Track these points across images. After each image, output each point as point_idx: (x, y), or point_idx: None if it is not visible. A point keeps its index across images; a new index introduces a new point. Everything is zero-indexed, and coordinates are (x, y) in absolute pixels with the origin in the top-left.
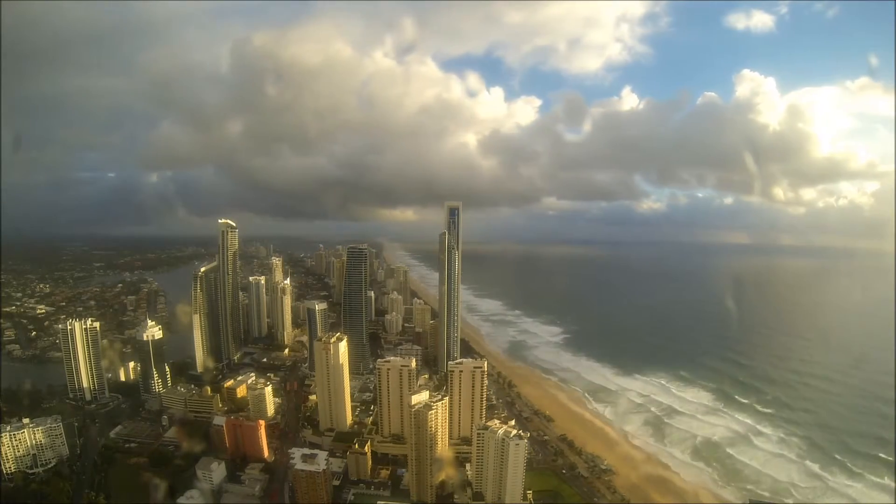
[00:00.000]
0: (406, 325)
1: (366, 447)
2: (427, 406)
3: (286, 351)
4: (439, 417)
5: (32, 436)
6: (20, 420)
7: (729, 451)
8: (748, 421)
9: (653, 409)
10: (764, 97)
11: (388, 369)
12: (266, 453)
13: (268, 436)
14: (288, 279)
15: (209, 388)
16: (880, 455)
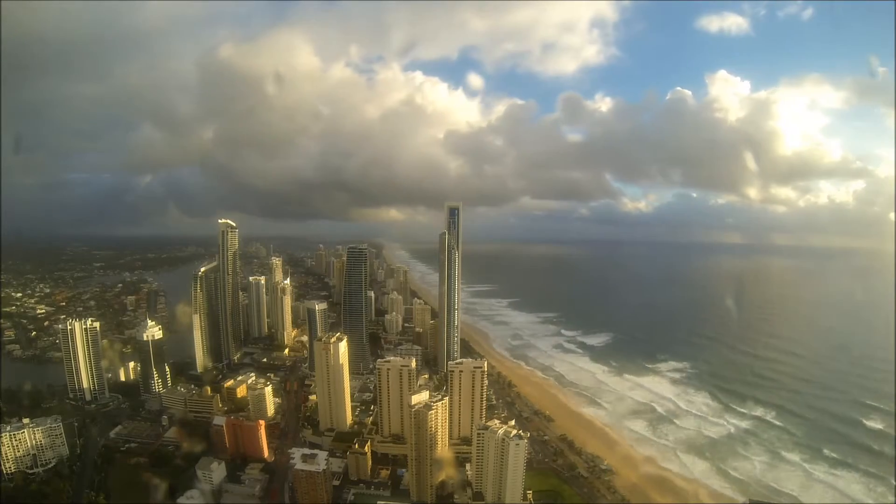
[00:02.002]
0: (406, 325)
1: (366, 447)
2: (427, 406)
3: (286, 351)
4: (439, 417)
5: (32, 436)
6: (20, 420)
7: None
8: None
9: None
10: (739, 97)
11: (388, 369)
12: (266, 453)
13: (268, 436)
14: (288, 279)
15: (209, 388)
16: None
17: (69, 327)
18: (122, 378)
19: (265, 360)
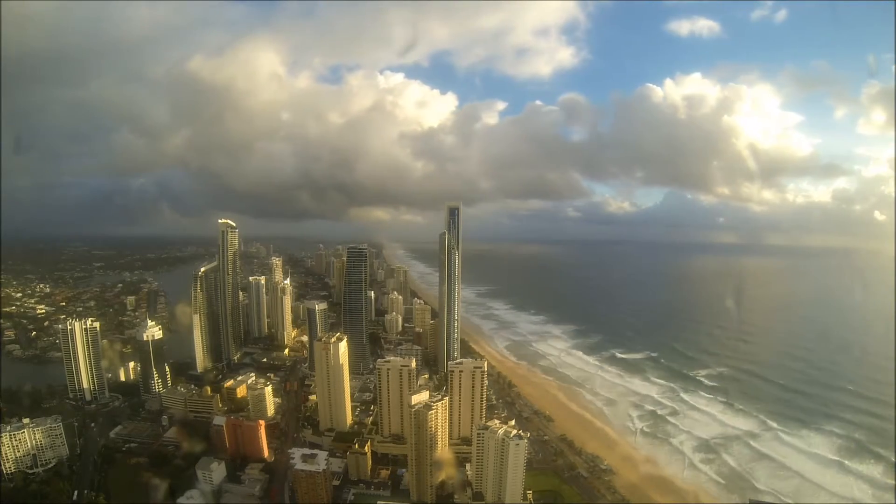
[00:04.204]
0: (406, 325)
1: (366, 447)
2: (427, 406)
3: (286, 351)
4: (439, 417)
5: (32, 436)
6: (20, 420)
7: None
8: None
9: None
10: (712, 98)
11: (388, 369)
12: (266, 453)
13: (268, 436)
14: (288, 279)
15: (209, 388)
16: None
17: (69, 327)
18: (122, 378)
19: (265, 360)
